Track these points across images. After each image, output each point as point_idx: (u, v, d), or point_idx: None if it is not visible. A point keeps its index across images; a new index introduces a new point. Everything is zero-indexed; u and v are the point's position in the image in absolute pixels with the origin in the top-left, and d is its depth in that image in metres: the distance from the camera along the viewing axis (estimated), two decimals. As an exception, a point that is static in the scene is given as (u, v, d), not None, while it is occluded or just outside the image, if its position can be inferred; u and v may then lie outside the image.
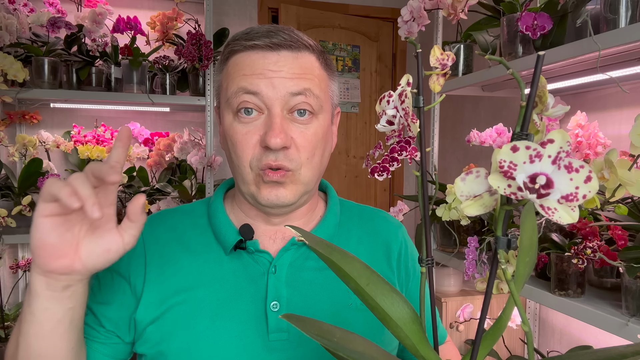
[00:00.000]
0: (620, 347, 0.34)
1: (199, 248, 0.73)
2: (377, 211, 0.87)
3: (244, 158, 0.68)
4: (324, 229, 0.77)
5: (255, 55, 0.68)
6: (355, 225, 0.81)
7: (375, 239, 0.81)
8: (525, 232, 0.33)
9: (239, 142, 0.68)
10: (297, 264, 0.73)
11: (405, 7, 1.52)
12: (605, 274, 1.14)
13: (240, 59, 0.69)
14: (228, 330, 0.68)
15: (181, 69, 2.16)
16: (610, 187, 0.71)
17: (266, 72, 0.66)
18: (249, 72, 0.67)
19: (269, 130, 0.65)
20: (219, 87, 0.73)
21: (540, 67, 0.31)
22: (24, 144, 2.03)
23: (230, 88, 0.68)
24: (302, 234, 0.40)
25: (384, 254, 0.80)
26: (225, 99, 0.70)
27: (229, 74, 0.69)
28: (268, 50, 0.67)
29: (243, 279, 0.71)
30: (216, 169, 2.07)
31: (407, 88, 0.40)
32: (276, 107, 0.67)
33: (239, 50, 0.69)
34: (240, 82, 0.67)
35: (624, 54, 1.09)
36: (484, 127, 1.63)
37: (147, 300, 0.70)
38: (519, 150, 0.30)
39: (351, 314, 0.73)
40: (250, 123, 0.67)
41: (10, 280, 2.23)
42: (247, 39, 0.68)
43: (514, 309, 0.43)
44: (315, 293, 0.72)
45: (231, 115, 0.69)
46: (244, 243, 0.71)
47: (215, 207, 0.76)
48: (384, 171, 0.44)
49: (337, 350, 0.34)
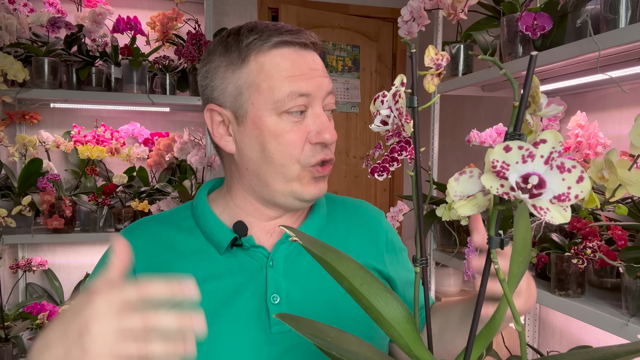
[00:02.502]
0: (614, 347, 0.34)
1: (189, 250, 0.73)
2: (358, 201, 0.89)
3: (294, 156, 0.69)
4: (315, 220, 0.78)
5: (294, 55, 0.68)
6: (341, 215, 0.83)
7: (362, 226, 0.83)
8: (519, 232, 0.33)
9: (293, 141, 0.68)
10: (292, 256, 0.74)
11: (405, 7, 1.52)
12: (605, 274, 1.14)
13: (275, 58, 0.68)
14: (229, 327, 0.68)
15: (181, 69, 2.16)
16: (610, 187, 0.71)
17: (310, 72, 0.68)
18: (296, 73, 0.67)
19: (322, 127, 0.68)
20: (243, 86, 0.68)
21: (533, 67, 0.31)
22: (24, 144, 2.04)
23: (278, 90, 0.67)
24: (296, 234, 0.40)
25: (372, 239, 0.82)
26: (272, 100, 0.67)
27: (269, 74, 0.67)
28: (300, 48, 0.69)
29: (240, 275, 0.71)
30: (216, 169, 2.07)
31: (401, 88, 0.40)
32: (319, 105, 0.70)
33: (271, 47, 0.68)
34: (291, 85, 0.67)
35: (624, 54, 1.09)
36: (484, 127, 1.63)
37: None
38: (512, 150, 0.30)
39: (348, 301, 0.73)
40: (301, 122, 0.69)
41: (10, 280, 2.23)
42: (277, 33, 0.68)
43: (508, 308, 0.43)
44: (313, 284, 0.73)
45: (276, 116, 0.68)
46: (239, 240, 0.71)
47: (202, 209, 0.76)
48: (384, 171, 0.44)
49: (330, 349, 0.34)
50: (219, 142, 0.73)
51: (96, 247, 2.36)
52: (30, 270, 2.17)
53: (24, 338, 1.92)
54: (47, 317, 1.87)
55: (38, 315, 1.88)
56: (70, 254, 2.34)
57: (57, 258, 2.33)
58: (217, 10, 2.53)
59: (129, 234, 0.75)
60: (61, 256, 2.33)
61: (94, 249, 2.36)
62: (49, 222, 1.89)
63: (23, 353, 1.91)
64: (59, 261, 2.33)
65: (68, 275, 2.33)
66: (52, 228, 1.90)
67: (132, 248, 0.70)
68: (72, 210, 1.94)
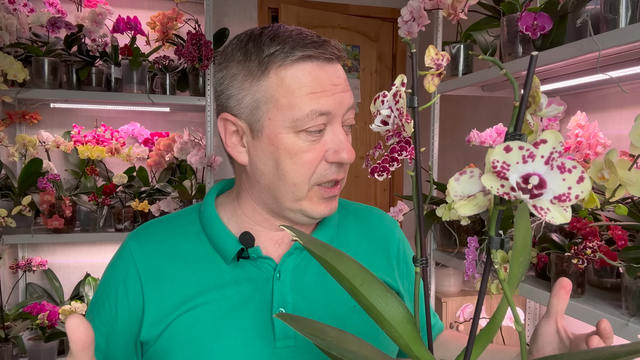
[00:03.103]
0: (614, 347, 0.34)
1: (196, 258, 0.71)
2: (371, 209, 0.86)
3: (307, 175, 0.66)
4: (326, 230, 0.76)
5: (317, 70, 0.64)
6: (353, 224, 0.80)
7: (373, 237, 0.80)
8: (519, 232, 0.33)
9: (309, 161, 0.65)
10: (300, 268, 0.71)
11: (405, 7, 1.52)
12: (605, 274, 1.14)
13: (298, 72, 0.63)
14: (233, 340, 0.66)
15: (181, 69, 2.16)
16: (610, 187, 0.71)
17: (332, 88, 0.64)
18: (319, 90, 0.63)
19: (340, 146, 0.66)
20: (261, 99, 0.65)
21: (533, 67, 0.31)
22: (24, 144, 2.04)
23: (299, 108, 0.63)
24: (297, 234, 0.40)
25: (384, 251, 0.80)
26: (292, 118, 0.64)
27: (290, 90, 0.63)
28: (324, 62, 0.65)
29: (246, 287, 0.69)
30: (216, 169, 2.07)
31: (402, 88, 0.40)
32: (339, 122, 0.66)
33: (294, 61, 0.63)
34: (311, 103, 0.63)
35: (624, 54, 1.09)
36: (484, 127, 1.63)
37: (149, 320, 0.68)
38: (512, 150, 0.30)
39: (356, 317, 0.72)
40: (318, 140, 0.66)
41: (10, 280, 2.23)
42: (301, 47, 0.63)
43: (509, 308, 0.43)
44: (320, 297, 0.71)
45: (293, 134, 0.64)
46: (246, 251, 0.69)
47: (209, 215, 0.73)
48: (384, 171, 0.44)
49: (330, 349, 0.34)
50: (232, 152, 0.70)
51: (96, 247, 2.36)
52: (30, 270, 2.17)
53: (24, 338, 1.92)
54: (47, 317, 1.87)
55: (38, 315, 1.88)
56: (70, 254, 2.34)
57: (57, 258, 2.33)
58: (217, 10, 2.53)
59: (134, 238, 0.73)
60: (61, 256, 2.33)
61: (94, 249, 2.36)
62: (49, 222, 1.89)
63: (23, 353, 1.91)
64: (59, 261, 2.33)
65: (68, 275, 2.33)
66: (52, 228, 1.90)
67: (139, 254, 0.71)
68: (72, 210, 1.94)
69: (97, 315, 0.72)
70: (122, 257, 0.72)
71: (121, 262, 0.72)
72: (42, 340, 1.90)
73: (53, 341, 1.92)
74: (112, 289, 0.71)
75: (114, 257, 0.74)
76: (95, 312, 0.72)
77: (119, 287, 0.70)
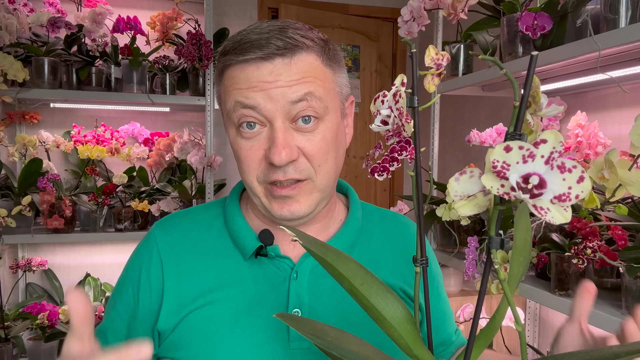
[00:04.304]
0: (614, 347, 0.34)
1: (217, 252, 0.71)
2: (398, 216, 0.85)
3: (250, 174, 0.66)
4: (346, 235, 0.74)
5: (249, 68, 0.64)
6: (377, 229, 0.79)
7: (397, 244, 0.79)
8: (519, 232, 0.33)
9: (244, 158, 0.65)
10: (318, 270, 0.71)
11: (405, 7, 1.52)
12: (605, 274, 1.13)
13: (234, 72, 0.65)
14: (248, 337, 0.66)
15: (181, 69, 2.16)
16: (610, 187, 0.71)
17: (261, 84, 0.63)
18: (244, 86, 0.64)
19: (272, 146, 0.63)
20: (219, 98, 0.71)
21: (533, 67, 0.31)
22: (24, 144, 2.04)
23: (228, 102, 0.66)
24: (297, 233, 0.40)
25: (406, 259, 0.78)
26: (225, 113, 0.67)
27: (226, 88, 0.67)
28: (261, 61, 0.64)
29: (263, 285, 0.69)
30: (216, 169, 2.07)
31: (402, 88, 0.40)
32: (277, 120, 0.63)
33: (232, 64, 0.65)
34: (236, 96, 0.64)
35: (624, 54, 1.09)
36: (484, 127, 1.63)
37: (167, 309, 0.68)
38: (512, 150, 0.30)
39: (373, 326, 0.71)
40: (254, 137, 0.65)
41: (10, 280, 2.23)
42: (238, 52, 0.64)
43: (509, 308, 0.43)
44: (337, 301, 0.70)
45: (234, 129, 0.66)
46: (265, 249, 0.69)
47: (232, 210, 0.74)
48: (384, 171, 0.44)
49: (330, 349, 0.34)
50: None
51: (96, 247, 2.36)
52: (30, 270, 2.17)
53: (24, 338, 1.92)
54: (47, 317, 1.87)
55: (38, 315, 1.88)
56: (70, 254, 2.34)
57: (57, 258, 2.33)
58: (217, 10, 2.53)
59: (160, 227, 0.75)
60: (61, 256, 2.33)
61: (94, 249, 2.36)
62: (49, 222, 1.89)
63: (23, 353, 1.91)
64: (59, 261, 2.33)
65: (68, 275, 2.33)
66: (52, 228, 1.90)
67: (163, 243, 0.72)
68: (72, 210, 1.94)
69: (119, 300, 0.73)
70: (147, 244, 0.74)
71: (146, 249, 0.74)
72: (42, 340, 1.90)
73: (53, 341, 1.92)
74: (136, 274, 0.72)
75: (139, 244, 0.76)
76: (117, 297, 0.73)
77: (142, 272, 0.71)
